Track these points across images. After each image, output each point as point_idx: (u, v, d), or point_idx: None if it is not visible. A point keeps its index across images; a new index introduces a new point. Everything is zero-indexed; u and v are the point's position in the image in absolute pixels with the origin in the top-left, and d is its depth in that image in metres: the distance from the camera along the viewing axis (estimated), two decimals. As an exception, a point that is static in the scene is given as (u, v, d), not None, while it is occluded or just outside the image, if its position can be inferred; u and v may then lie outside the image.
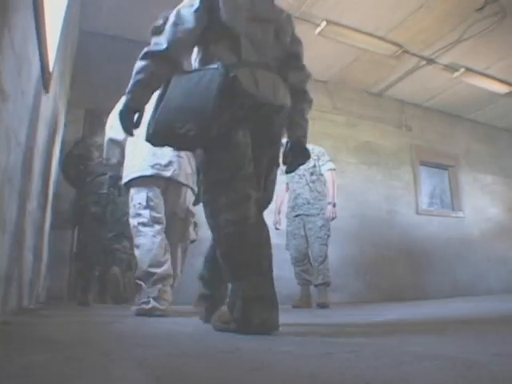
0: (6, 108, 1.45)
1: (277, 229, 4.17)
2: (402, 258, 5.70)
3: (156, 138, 1.66)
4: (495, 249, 6.64)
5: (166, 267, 2.55)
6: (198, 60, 1.79)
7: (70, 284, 4.07)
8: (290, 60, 1.87)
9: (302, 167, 3.93)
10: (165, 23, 1.67)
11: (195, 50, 1.81)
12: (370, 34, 4.77)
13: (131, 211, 2.71)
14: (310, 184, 4.15)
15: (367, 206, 5.69)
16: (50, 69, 2.37)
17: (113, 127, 2.81)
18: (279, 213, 4.33)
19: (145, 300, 2.48)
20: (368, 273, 5.40)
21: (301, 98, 1.92)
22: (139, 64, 1.66)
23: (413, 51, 5.13)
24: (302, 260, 4.06)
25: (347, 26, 4.63)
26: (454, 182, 6.76)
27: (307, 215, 4.07)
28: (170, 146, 1.82)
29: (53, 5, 2.11)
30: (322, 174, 4.18)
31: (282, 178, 4.20)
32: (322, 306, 3.73)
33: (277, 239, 4.89)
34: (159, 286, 2.50)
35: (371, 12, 4.41)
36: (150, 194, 2.66)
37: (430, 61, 5.32)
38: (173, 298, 2.62)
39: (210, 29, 1.70)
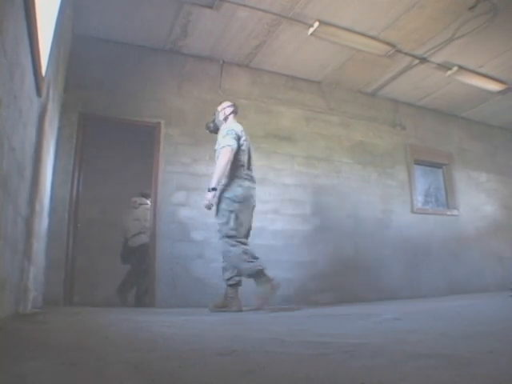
0: (-2, 113, 1.44)
1: None
2: (397, 257, 5.71)
3: None
4: (490, 246, 6.66)
5: None
6: None
7: (65, 289, 4.05)
8: None
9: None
10: None
11: None
12: (363, 34, 4.78)
13: None
14: None
15: (362, 205, 5.70)
16: (43, 73, 2.36)
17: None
18: None
19: None
20: (363, 272, 5.40)
21: None
22: None
23: (406, 50, 5.14)
24: None
25: (340, 26, 4.63)
26: (449, 180, 6.78)
27: None
28: None
29: (45, 9, 2.11)
30: None
31: None
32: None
33: (272, 240, 4.92)
34: None
35: (364, 12, 4.41)
36: None
37: (423, 60, 5.34)
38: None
39: None
